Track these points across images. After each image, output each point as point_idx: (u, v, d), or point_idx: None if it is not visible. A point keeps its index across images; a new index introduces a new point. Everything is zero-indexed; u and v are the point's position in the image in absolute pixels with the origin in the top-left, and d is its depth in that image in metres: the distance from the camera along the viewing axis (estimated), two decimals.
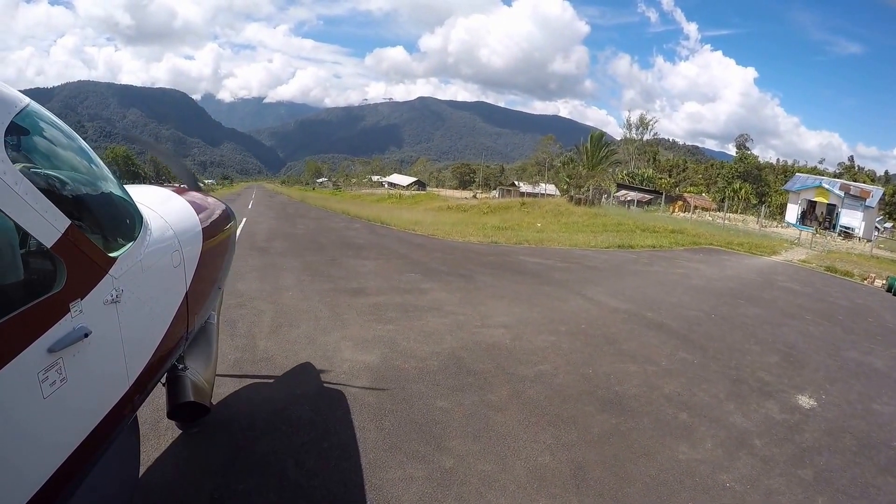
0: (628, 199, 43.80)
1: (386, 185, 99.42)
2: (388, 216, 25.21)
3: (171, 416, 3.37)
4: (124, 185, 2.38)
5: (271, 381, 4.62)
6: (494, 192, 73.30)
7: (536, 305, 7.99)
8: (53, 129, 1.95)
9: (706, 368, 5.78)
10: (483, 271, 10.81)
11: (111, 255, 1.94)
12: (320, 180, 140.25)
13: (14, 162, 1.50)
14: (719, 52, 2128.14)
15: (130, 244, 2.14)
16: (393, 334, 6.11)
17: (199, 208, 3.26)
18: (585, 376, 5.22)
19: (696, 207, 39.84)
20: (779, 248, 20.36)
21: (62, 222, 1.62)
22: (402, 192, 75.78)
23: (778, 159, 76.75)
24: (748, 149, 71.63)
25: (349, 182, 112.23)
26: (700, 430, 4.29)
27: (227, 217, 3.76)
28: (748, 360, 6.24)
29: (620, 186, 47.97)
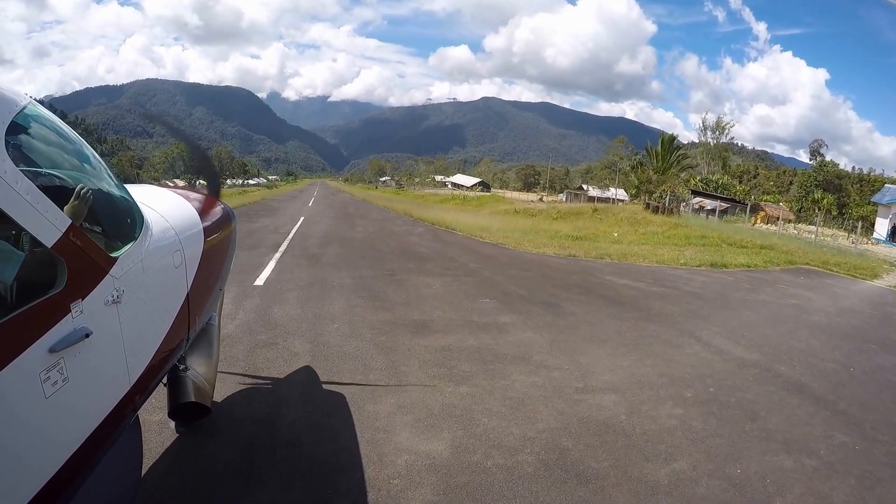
0: (706, 207, 40.66)
1: (449, 186, 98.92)
2: (453, 219, 24.16)
3: (171, 416, 3.32)
4: (125, 185, 2.33)
5: (290, 482, 3.21)
6: (561, 195, 71.19)
7: (647, 355, 6.29)
8: (54, 129, 1.95)
9: (872, 458, 4.19)
10: (569, 297, 9.17)
11: (112, 255, 1.92)
12: (383, 179, 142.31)
13: (15, 161, 1.47)
14: (789, 53, 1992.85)
15: (131, 244, 2.11)
16: (468, 402, 4.55)
17: (200, 208, 3.24)
18: (734, 482, 3.66)
19: (779, 219, 36.40)
20: (879, 270, 17.88)
21: (63, 222, 1.60)
22: (465, 192, 74.86)
23: (853, 167, 70.50)
24: (822, 155, 66.28)
25: (412, 181, 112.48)
26: None
27: (229, 217, 3.76)
28: None
29: (695, 193, 44.75)
